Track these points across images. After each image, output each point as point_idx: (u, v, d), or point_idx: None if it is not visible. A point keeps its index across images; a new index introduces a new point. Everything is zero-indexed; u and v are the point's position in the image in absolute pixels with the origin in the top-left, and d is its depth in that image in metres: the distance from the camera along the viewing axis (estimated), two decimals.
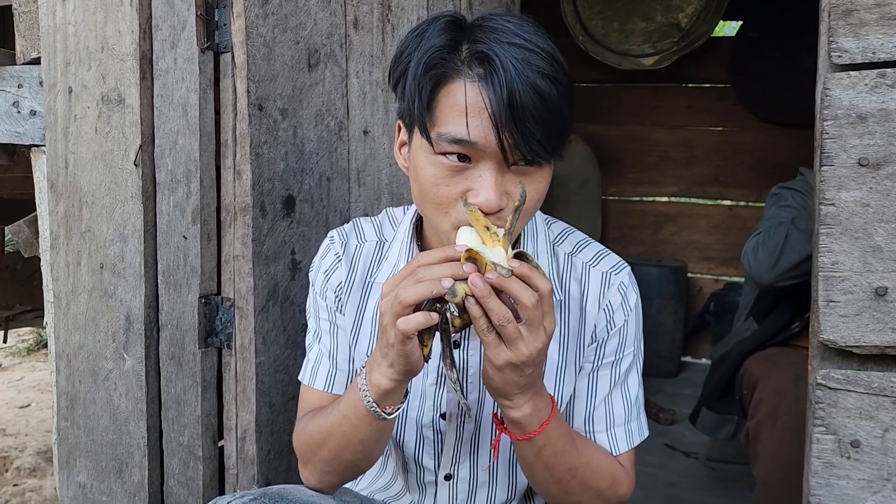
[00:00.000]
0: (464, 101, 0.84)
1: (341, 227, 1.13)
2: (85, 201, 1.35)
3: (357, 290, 1.09)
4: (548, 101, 0.83)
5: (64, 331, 1.39)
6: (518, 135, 0.82)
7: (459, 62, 0.86)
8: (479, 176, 0.86)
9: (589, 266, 1.05)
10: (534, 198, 0.90)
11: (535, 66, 0.82)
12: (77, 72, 1.34)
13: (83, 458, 1.39)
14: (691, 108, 3.79)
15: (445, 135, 0.86)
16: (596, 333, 1.03)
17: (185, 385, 1.29)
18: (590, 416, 1.04)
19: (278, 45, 1.30)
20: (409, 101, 0.90)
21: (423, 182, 0.90)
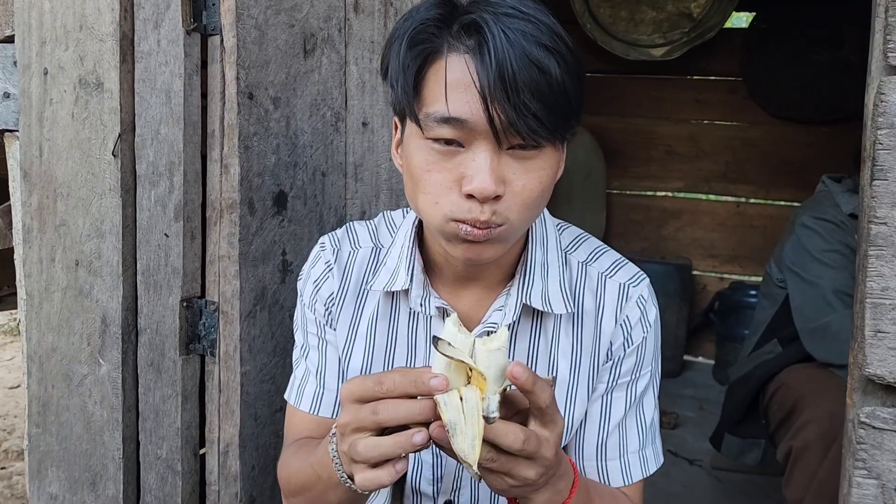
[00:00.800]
0: (453, 76, 0.76)
1: (333, 233, 1.04)
2: (60, 192, 1.25)
3: (350, 301, 0.99)
4: (547, 74, 0.74)
5: (36, 331, 1.30)
6: (511, 109, 0.73)
7: (450, 37, 0.77)
8: (471, 160, 0.77)
9: (605, 276, 0.95)
10: (536, 187, 0.80)
11: (532, 37, 0.74)
12: (53, 52, 1.23)
13: (55, 468, 1.30)
14: (700, 101, 3.69)
15: (433, 114, 0.77)
16: (612, 351, 0.94)
17: (164, 394, 1.20)
18: (602, 443, 0.95)
19: (271, 28, 1.19)
20: (396, 83, 0.81)
21: (413, 170, 0.82)
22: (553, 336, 0.94)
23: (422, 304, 0.92)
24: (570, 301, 0.93)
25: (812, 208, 1.95)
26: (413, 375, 0.68)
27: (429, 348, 0.96)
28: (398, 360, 0.97)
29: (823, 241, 1.86)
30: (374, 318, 0.98)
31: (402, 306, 0.97)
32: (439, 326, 0.94)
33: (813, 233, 1.89)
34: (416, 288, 0.92)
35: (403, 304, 0.97)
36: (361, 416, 0.70)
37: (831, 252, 1.84)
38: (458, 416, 0.66)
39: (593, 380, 0.95)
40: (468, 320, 0.94)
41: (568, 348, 0.94)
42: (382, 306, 0.98)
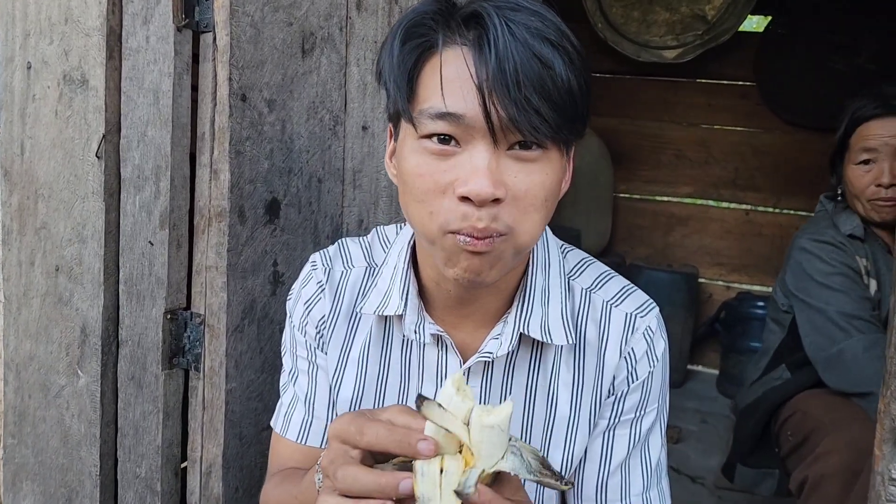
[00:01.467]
0: (449, 70, 0.71)
1: (325, 251, 0.97)
2: (41, 194, 1.19)
3: (342, 324, 0.93)
4: (551, 69, 0.69)
5: (14, 338, 1.24)
6: (511, 104, 0.68)
7: (448, 30, 0.72)
8: (467, 160, 0.71)
9: (610, 305, 0.89)
10: (539, 192, 0.73)
11: (537, 30, 0.70)
12: (37, 45, 1.17)
13: (30, 482, 1.24)
14: (711, 105, 3.60)
15: (428, 109, 0.71)
16: (614, 386, 0.88)
17: (144, 410, 1.14)
18: (602, 484, 0.88)
19: (268, 26, 1.13)
20: (387, 82, 0.76)
21: (406, 177, 0.76)
22: (553, 368, 0.88)
23: (416, 331, 0.86)
24: (572, 331, 0.87)
25: (810, 231, 1.88)
26: (400, 434, 0.61)
27: (422, 377, 0.89)
28: (391, 389, 0.91)
29: (825, 265, 1.79)
30: (366, 343, 0.91)
31: (396, 331, 0.90)
32: (433, 355, 0.88)
33: (813, 256, 1.82)
34: (409, 314, 0.86)
35: (397, 329, 0.90)
36: (331, 469, 0.64)
37: (835, 275, 1.77)
38: (433, 491, 0.59)
39: (595, 415, 0.88)
40: (465, 349, 0.87)
41: (569, 381, 0.88)
42: (375, 331, 0.91)
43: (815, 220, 1.92)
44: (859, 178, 1.76)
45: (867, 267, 1.76)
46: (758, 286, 3.57)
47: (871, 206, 1.75)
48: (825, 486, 1.58)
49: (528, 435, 0.88)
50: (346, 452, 0.64)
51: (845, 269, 1.76)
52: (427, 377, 0.88)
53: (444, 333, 0.86)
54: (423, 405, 0.61)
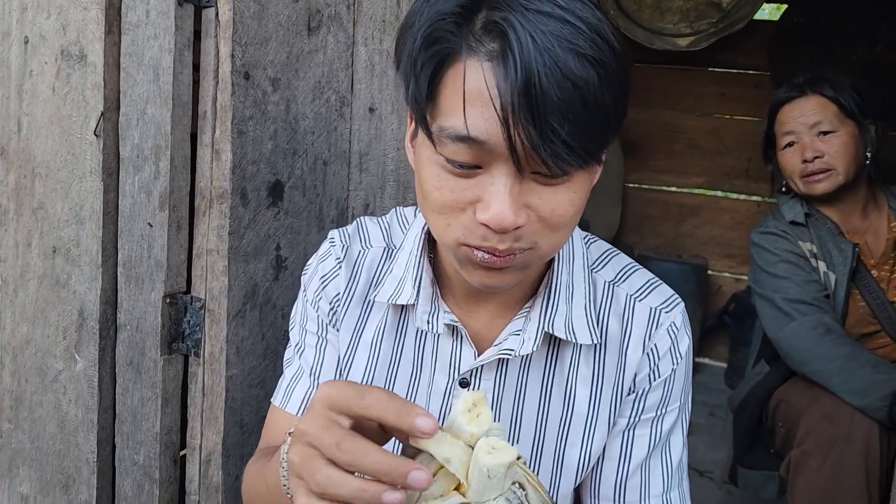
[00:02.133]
0: (469, 88, 0.63)
1: (343, 228, 0.94)
2: (38, 173, 1.15)
3: (357, 304, 0.89)
4: (582, 90, 0.61)
5: (11, 320, 1.21)
6: (536, 133, 0.61)
7: (470, 37, 0.64)
8: (490, 183, 0.65)
9: (634, 299, 0.85)
10: (567, 211, 0.68)
11: (568, 43, 0.60)
12: (35, 19, 1.13)
13: (27, 467, 1.21)
14: (725, 95, 3.55)
15: (447, 129, 0.65)
16: (636, 383, 0.84)
17: (143, 396, 1.11)
18: (621, 484, 0.85)
19: (272, 1, 1.09)
20: (406, 79, 0.69)
21: (423, 183, 0.70)
22: (571, 363, 0.84)
23: (429, 321, 0.82)
24: (596, 329, 0.83)
25: (760, 225, 1.96)
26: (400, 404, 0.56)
27: (434, 368, 0.86)
28: (402, 377, 0.88)
29: (770, 254, 1.87)
30: (380, 327, 0.88)
31: (411, 319, 0.87)
32: (448, 345, 0.84)
33: (761, 248, 1.90)
34: (422, 304, 0.82)
35: (412, 317, 0.87)
36: (324, 437, 0.56)
37: (779, 263, 1.84)
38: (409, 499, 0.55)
39: (615, 412, 0.84)
40: (480, 340, 0.84)
41: (588, 376, 0.84)
42: (390, 317, 0.88)
43: (766, 215, 1.98)
44: (788, 160, 1.85)
45: (812, 250, 1.83)
46: None
47: (804, 183, 1.82)
48: (806, 464, 1.63)
49: (543, 433, 0.84)
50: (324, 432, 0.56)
51: (789, 255, 1.83)
52: (440, 367, 0.85)
53: (458, 324, 0.82)
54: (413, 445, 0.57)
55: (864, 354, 1.67)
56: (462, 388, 0.85)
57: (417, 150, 0.73)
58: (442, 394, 0.85)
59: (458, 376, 0.84)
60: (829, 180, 1.78)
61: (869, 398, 1.57)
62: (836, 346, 1.68)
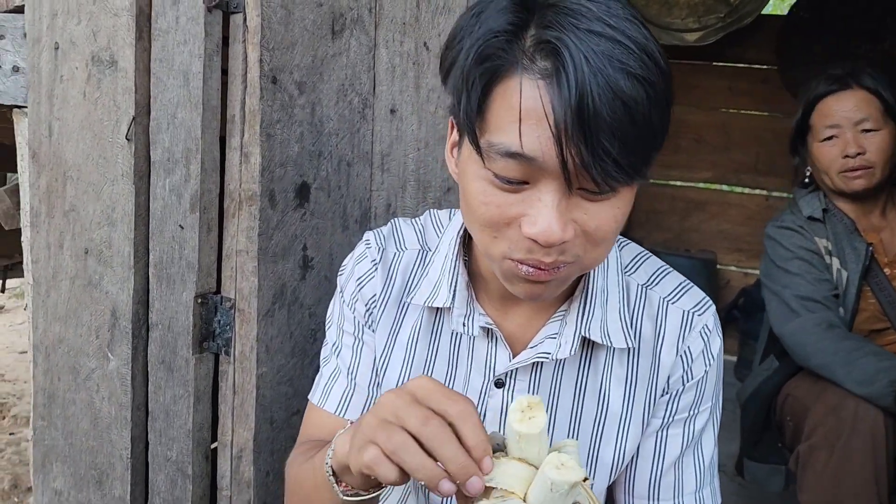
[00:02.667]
0: (519, 104, 0.64)
1: (378, 230, 0.96)
2: (70, 176, 1.18)
3: (392, 306, 0.92)
4: (632, 109, 0.63)
5: (43, 320, 1.23)
6: (588, 152, 0.63)
7: (521, 52, 0.65)
8: (537, 199, 0.67)
9: (667, 302, 0.87)
10: (611, 226, 0.70)
11: (620, 63, 0.62)
12: (65, 25, 1.16)
13: (60, 463, 1.24)
14: (732, 89, 3.56)
15: (497, 145, 0.66)
16: (669, 384, 0.86)
17: (175, 394, 1.14)
18: (655, 482, 0.87)
19: (298, 6, 1.11)
20: (456, 99, 0.71)
21: (470, 197, 0.72)
22: (605, 365, 0.86)
23: (464, 323, 0.84)
24: (631, 333, 0.85)
25: (776, 219, 1.96)
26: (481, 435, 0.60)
27: (470, 369, 0.88)
28: (437, 377, 0.90)
29: (784, 249, 1.87)
30: (416, 329, 0.90)
31: (446, 320, 0.89)
32: (483, 347, 0.87)
33: (775, 242, 1.90)
34: (458, 307, 0.85)
35: (447, 318, 0.89)
36: (412, 411, 0.61)
37: (793, 259, 1.85)
38: None
39: (648, 413, 0.87)
40: (515, 341, 0.86)
41: (622, 377, 0.86)
42: (425, 319, 0.90)
43: (783, 210, 1.98)
44: (826, 153, 1.83)
45: (827, 247, 1.84)
46: None
47: (842, 179, 1.81)
48: (813, 457, 1.66)
49: (577, 432, 0.86)
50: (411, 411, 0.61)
51: (803, 252, 1.84)
52: (475, 368, 0.87)
53: (493, 326, 0.84)
54: None
55: (867, 345, 1.69)
56: (497, 388, 0.87)
57: (463, 164, 0.75)
58: (478, 394, 0.88)
59: (493, 377, 0.86)
60: (867, 178, 1.78)
61: (875, 385, 1.59)
62: (839, 339, 1.71)
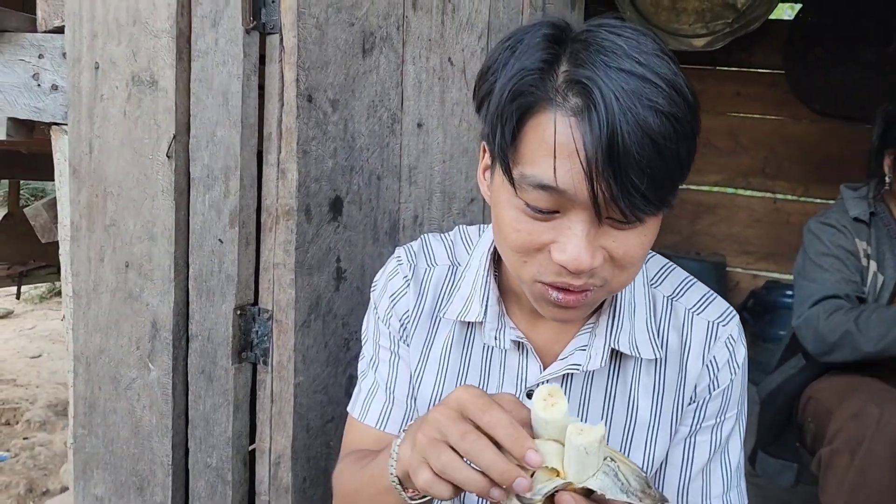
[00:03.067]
0: (552, 139, 0.67)
1: (409, 245, 1.00)
2: (110, 192, 1.22)
3: (425, 320, 0.95)
4: (660, 145, 0.65)
5: (84, 331, 1.27)
6: (617, 187, 0.65)
7: (553, 89, 0.68)
8: (567, 227, 0.70)
9: (692, 313, 0.90)
10: (638, 252, 0.74)
11: (648, 101, 0.65)
12: (105, 46, 1.19)
13: (101, 470, 1.28)
14: (740, 94, 3.60)
15: (529, 177, 0.70)
16: (696, 393, 0.90)
17: (215, 402, 1.17)
18: (684, 487, 0.90)
19: (331, 27, 1.15)
20: (491, 130, 0.74)
21: (502, 223, 0.76)
22: (633, 375, 0.89)
23: (496, 337, 0.88)
24: (658, 345, 0.88)
25: (820, 214, 1.99)
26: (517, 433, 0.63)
27: (502, 381, 0.92)
28: None
29: (822, 245, 1.90)
30: (448, 344, 0.94)
31: (477, 335, 0.93)
32: (514, 360, 0.90)
33: (814, 237, 1.93)
34: (490, 321, 0.88)
35: (479, 332, 0.93)
36: (451, 428, 0.65)
37: (828, 256, 1.88)
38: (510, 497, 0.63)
39: (676, 421, 0.90)
40: (545, 354, 0.90)
41: (650, 387, 0.89)
42: (457, 333, 0.94)
43: (830, 207, 2.01)
44: None
45: (867, 250, 1.87)
46: (786, 275, 3.58)
47: None
48: (835, 461, 1.68)
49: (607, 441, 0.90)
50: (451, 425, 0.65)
51: (841, 251, 1.87)
52: (507, 380, 0.91)
53: (524, 340, 0.88)
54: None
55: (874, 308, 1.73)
56: (529, 399, 0.90)
57: (496, 191, 0.78)
58: None
59: (525, 389, 0.90)
60: None
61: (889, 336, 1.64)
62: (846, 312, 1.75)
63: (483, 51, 1.49)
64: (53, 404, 3.71)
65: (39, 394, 3.86)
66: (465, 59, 1.45)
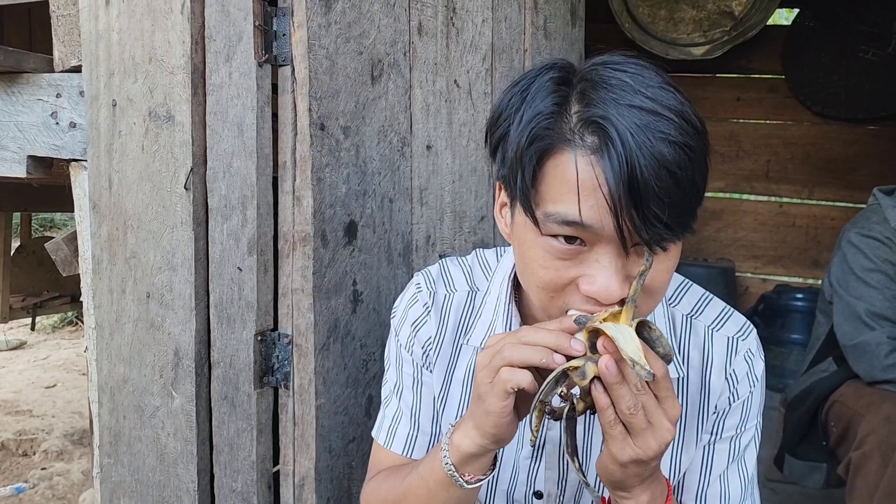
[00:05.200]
0: (574, 177, 0.70)
1: (427, 271, 1.02)
2: (130, 225, 1.25)
3: (448, 346, 0.98)
4: (676, 175, 0.68)
5: (107, 362, 1.30)
6: (640, 219, 0.68)
7: (568, 130, 0.71)
8: (594, 260, 0.73)
9: (712, 330, 0.92)
10: (664, 279, 0.76)
11: (661, 133, 0.68)
12: (122, 84, 1.23)
13: (127, 499, 1.30)
14: (741, 100, 3.62)
15: (554, 215, 0.72)
16: (717, 405, 0.92)
17: (238, 427, 1.20)
18: (702, 493, 0.92)
19: (341, 56, 1.18)
20: (511, 174, 0.77)
21: (529, 263, 0.78)
22: None
23: None
24: (679, 361, 0.91)
25: (860, 224, 1.93)
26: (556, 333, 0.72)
27: None
28: None
29: (867, 260, 1.85)
30: (470, 367, 0.96)
31: None
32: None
33: (858, 251, 1.88)
34: None
35: None
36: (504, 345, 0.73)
37: (874, 272, 1.84)
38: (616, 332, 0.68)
39: (700, 434, 0.92)
40: None
41: None
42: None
43: (866, 215, 1.96)
44: None
45: None
46: (794, 277, 3.59)
47: None
48: (866, 465, 1.68)
49: None
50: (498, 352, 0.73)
51: (887, 266, 1.83)
52: None
53: None
54: None
55: None
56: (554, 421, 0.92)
57: (519, 231, 0.80)
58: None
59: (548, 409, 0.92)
60: None
61: None
62: None
63: (487, 72, 1.52)
64: (70, 433, 3.73)
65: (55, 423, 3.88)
66: (471, 81, 1.48)
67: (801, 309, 3.18)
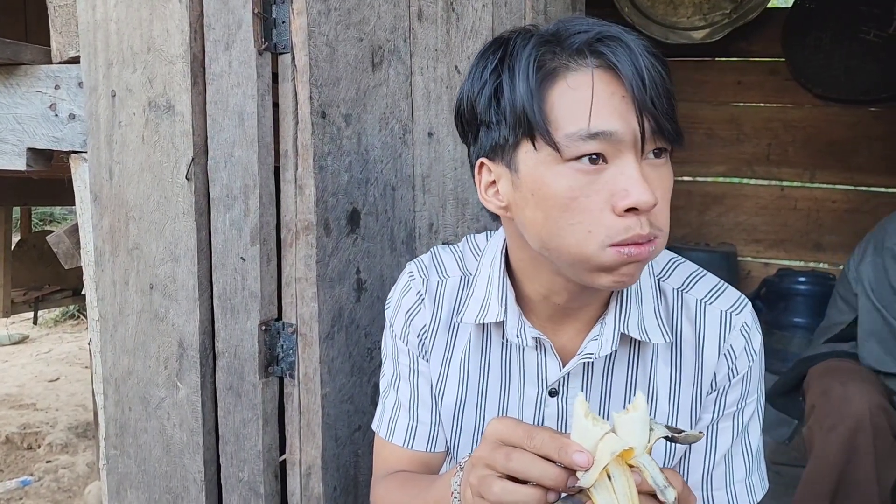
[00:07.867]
0: (589, 93, 0.74)
1: (419, 260, 1.02)
2: (132, 216, 1.24)
3: (443, 331, 0.97)
4: (665, 80, 0.76)
5: (111, 354, 1.30)
6: (657, 115, 0.74)
7: (569, 57, 0.77)
8: (620, 173, 0.74)
9: (704, 304, 0.91)
10: (669, 194, 0.80)
11: (644, 47, 0.76)
12: (121, 74, 1.22)
13: (134, 490, 1.30)
14: (741, 83, 3.60)
15: (577, 132, 0.74)
16: (716, 382, 0.91)
17: (244, 417, 1.20)
18: (708, 474, 0.92)
19: (341, 43, 1.17)
20: (515, 114, 0.77)
21: (558, 200, 0.76)
22: (651, 365, 0.92)
23: (518, 335, 0.90)
24: (668, 331, 0.90)
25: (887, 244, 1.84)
26: (560, 443, 0.66)
27: (523, 380, 0.94)
28: (491, 393, 0.96)
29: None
30: (467, 350, 0.96)
31: (494, 338, 0.95)
32: (533, 358, 0.92)
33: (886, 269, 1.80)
34: (511, 319, 0.90)
35: (495, 336, 0.94)
36: (496, 456, 0.69)
37: None
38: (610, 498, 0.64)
39: (696, 410, 0.92)
40: (565, 354, 0.92)
41: (667, 378, 0.92)
42: (474, 338, 0.96)
43: None
44: None
45: None
46: (796, 261, 3.58)
47: None
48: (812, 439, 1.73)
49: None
50: (495, 452, 0.69)
51: None
52: (528, 379, 0.93)
53: (544, 337, 0.90)
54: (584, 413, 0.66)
55: None
56: (552, 397, 0.92)
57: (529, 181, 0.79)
58: (533, 404, 0.94)
59: (546, 387, 0.92)
60: None
61: None
62: None
63: None
64: (74, 426, 3.74)
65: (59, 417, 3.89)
66: None
67: (804, 292, 3.17)
